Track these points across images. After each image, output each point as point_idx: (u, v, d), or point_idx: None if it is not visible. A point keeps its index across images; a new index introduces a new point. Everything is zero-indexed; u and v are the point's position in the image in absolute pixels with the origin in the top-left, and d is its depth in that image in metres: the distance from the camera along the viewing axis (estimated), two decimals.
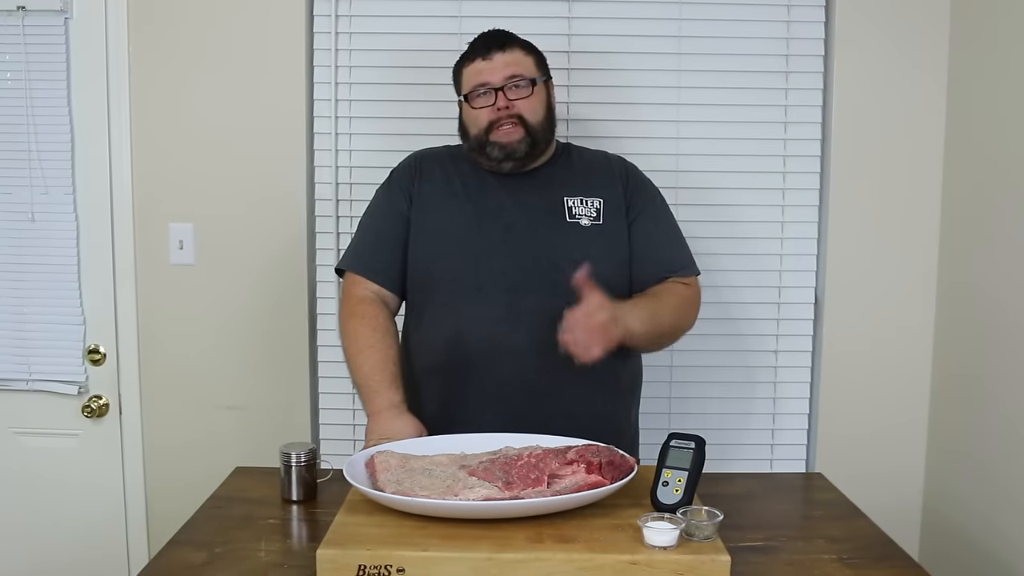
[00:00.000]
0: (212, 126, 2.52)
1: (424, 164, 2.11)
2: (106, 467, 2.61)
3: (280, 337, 2.57)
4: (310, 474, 1.84)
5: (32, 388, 2.58)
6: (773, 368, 2.61)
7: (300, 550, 1.62)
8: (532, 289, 1.96)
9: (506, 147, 1.98)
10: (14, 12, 2.44)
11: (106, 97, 2.50)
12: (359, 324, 2.00)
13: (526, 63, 2.02)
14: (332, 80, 2.53)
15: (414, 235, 2.04)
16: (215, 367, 2.58)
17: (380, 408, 1.92)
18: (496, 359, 1.94)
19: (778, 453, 2.64)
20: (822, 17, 2.51)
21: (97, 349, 2.57)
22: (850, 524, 1.78)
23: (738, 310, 2.57)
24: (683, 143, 2.54)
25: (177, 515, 1.79)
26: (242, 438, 2.57)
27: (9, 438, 2.60)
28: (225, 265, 2.55)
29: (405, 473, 1.62)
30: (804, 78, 2.53)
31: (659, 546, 1.44)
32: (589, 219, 2.01)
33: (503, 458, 1.64)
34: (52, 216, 2.53)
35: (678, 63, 2.52)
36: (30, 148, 2.50)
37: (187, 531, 1.70)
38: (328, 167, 2.55)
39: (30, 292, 2.56)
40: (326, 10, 2.51)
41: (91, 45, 2.48)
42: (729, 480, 1.97)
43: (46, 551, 2.62)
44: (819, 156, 2.55)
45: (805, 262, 2.58)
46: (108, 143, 2.51)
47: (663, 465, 1.63)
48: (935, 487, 2.54)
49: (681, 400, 2.61)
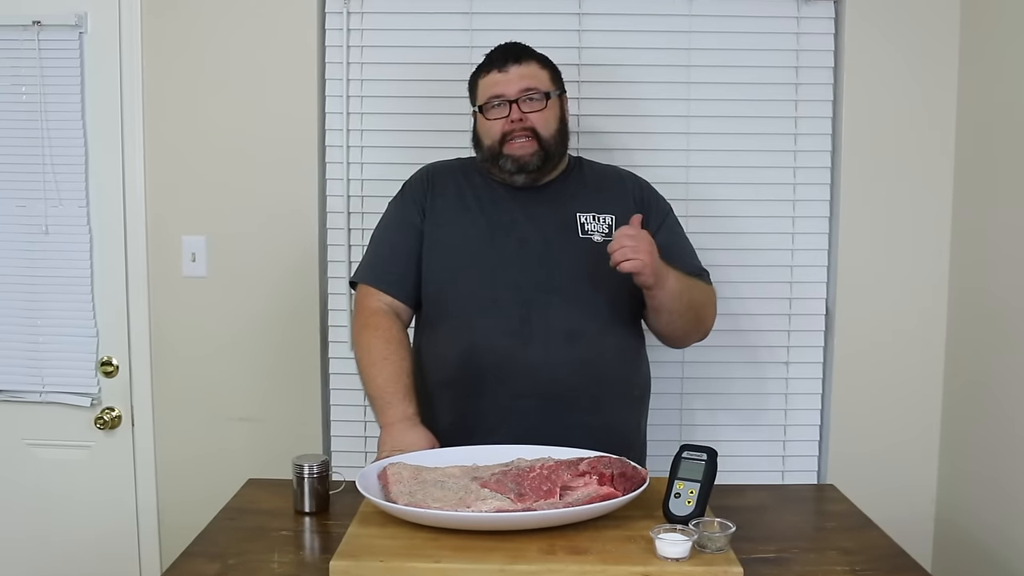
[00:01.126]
0: (224, 139, 2.53)
1: (437, 177, 2.12)
2: (118, 479, 2.61)
3: (292, 349, 2.58)
4: (322, 486, 1.85)
5: (45, 400, 2.58)
6: (784, 379, 2.60)
7: (313, 562, 1.63)
8: (546, 303, 1.96)
9: (519, 160, 1.99)
10: (29, 27, 2.46)
11: (120, 111, 2.51)
12: (372, 336, 2.00)
13: (541, 76, 2.03)
14: (344, 93, 2.54)
15: (427, 248, 2.05)
16: (227, 379, 2.58)
17: (393, 420, 1.92)
18: (510, 372, 1.95)
19: (789, 464, 2.63)
20: (832, 29, 2.51)
21: (110, 361, 2.58)
22: (862, 535, 1.77)
23: (748, 321, 2.57)
24: (693, 155, 2.55)
25: (189, 527, 1.79)
26: (254, 450, 2.57)
27: (22, 450, 2.61)
28: (237, 277, 2.56)
29: (417, 485, 1.62)
30: (814, 90, 2.53)
31: (671, 558, 1.44)
32: (601, 235, 2.02)
33: (515, 470, 1.64)
34: (66, 229, 2.54)
35: (688, 75, 2.53)
36: (44, 161, 2.51)
37: (200, 543, 1.71)
38: (340, 180, 2.56)
39: (43, 304, 2.57)
40: (338, 23, 2.52)
41: (105, 60, 2.50)
42: (741, 492, 1.97)
43: (58, 563, 2.62)
44: (829, 167, 2.55)
45: (816, 272, 2.58)
46: (122, 156, 2.53)
47: (675, 477, 1.64)
48: (948, 497, 2.53)
49: (691, 412, 2.61)
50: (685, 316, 1.99)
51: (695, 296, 1.98)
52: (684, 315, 1.98)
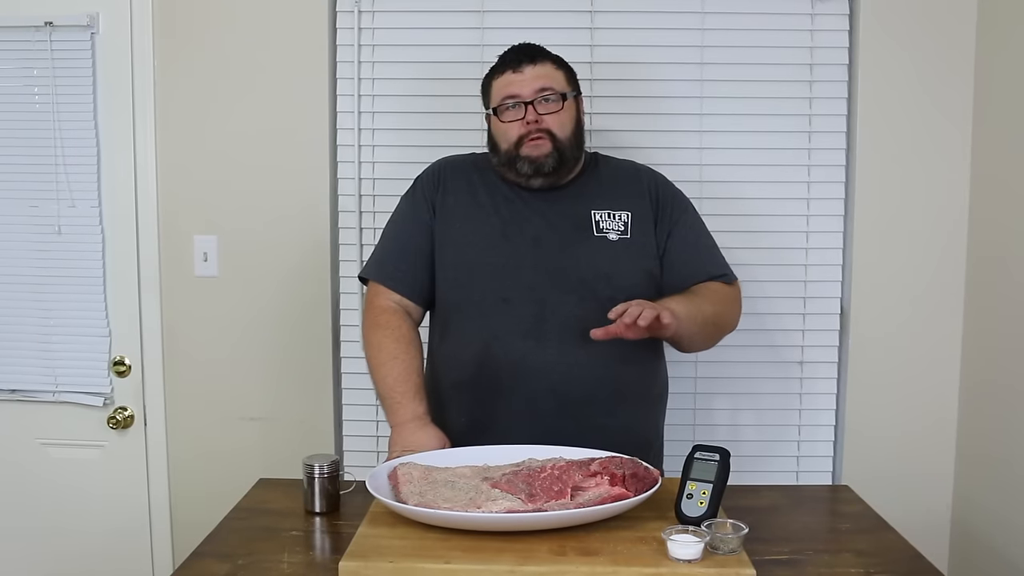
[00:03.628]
0: (236, 138, 2.53)
1: (448, 173, 2.10)
2: (131, 478, 2.62)
3: (304, 348, 2.58)
4: (333, 486, 1.84)
5: (58, 399, 2.59)
6: (799, 379, 2.58)
7: (323, 562, 1.62)
8: (560, 303, 1.95)
9: (535, 161, 1.96)
10: (42, 28, 2.47)
11: (132, 111, 2.52)
12: (382, 335, 1.99)
13: (557, 77, 2.01)
14: (355, 92, 2.54)
15: (439, 246, 2.03)
16: (239, 379, 2.59)
17: (403, 420, 1.92)
18: (524, 373, 1.93)
19: (804, 465, 2.61)
20: (846, 26, 2.49)
21: (122, 361, 2.59)
22: (877, 537, 1.75)
23: (763, 320, 2.55)
24: (707, 153, 2.53)
25: (201, 526, 1.79)
26: (266, 449, 2.57)
27: (35, 449, 2.62)
28: (249, 277, 2.56)
29: (428, 485, 1.61)
30: (828, 87, 2.51)
31: (683, 559, 1.43)
32: (616, 233, 2.00)
33: (526, 470, 1.64)
34: (78, 229, 2.55)
35: (701, 73, 2.51)
36: (56, 161, 2.52)
37: (210, 542, 1.70)
38: (351, 179, 2.56)
39: (56, 304, 2.58)
40: (349, 23, 2.52)
41: (117, 60, 2.51)
42: (754, 492, 1.95)
43: (72, 562, 2.63)
44: (844, 165, 2.53)
45: (831, 271, 2.56)
46: (134, 156, 2.53)
47: (687, 477, 1.62)
48: (964, 499, 2.50)
49: (706, 412, 2.59)
50: (705, 330, 1.97)
51: (706, 308, 1.95)
52: (704, 329, 1.97)
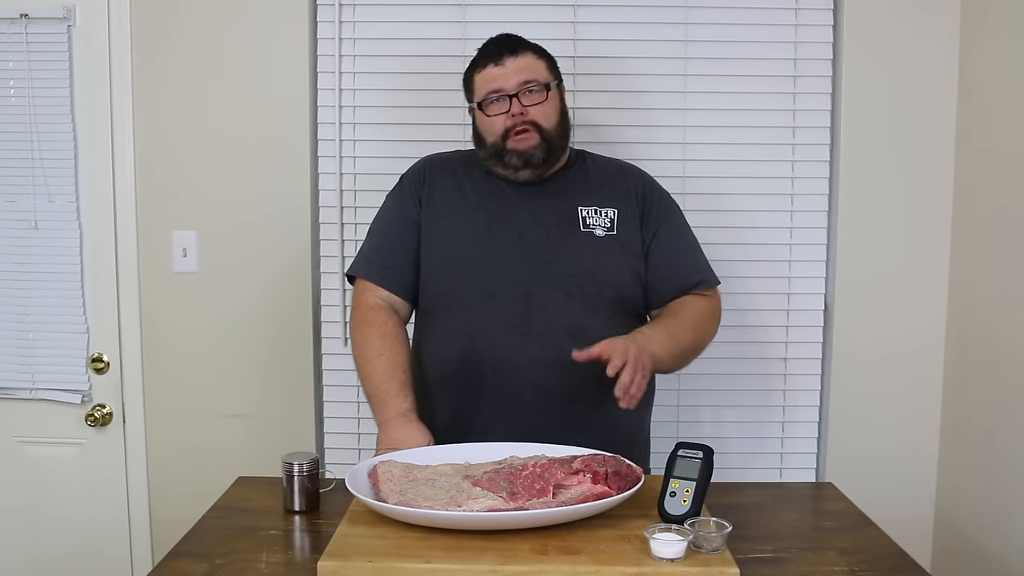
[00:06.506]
0: (215, 133, 2.50)
1: (435, 169, 2.09)
2: (110, 476, 2.59)
3: (284, 346, 2.56)
4: (312, 484, 1.82)
5: (36, 397, 2.57)
6: (783, 376, 2.58)
7: (302, 562, 1.60)
8: (546, 298, 1.94)
9: (523, 154, 1.96)
10: (17, 20, 2.44)
11: (109, 105, 2.49)
12: (368, 332, 1.98)
13: (539, 68, 2.00)
14: (336, 87, 2.51)
15: (425, 241, 2.02)
16: (219, 376, 2.56)
17: (388, 417, 1.91)
18: (510, 369, 1.92)
19: (788, 462, 2.60)
20: (831, 21, 2.49)
21: (101, 358, 2.56)
22: (861, 535, 1.75)
23: (747, 317, 2.55)
24: (690, 148, 2.52)
25: (181, 524, 1.78)
26: (247, 447, 2.55)
27: (12, 447, 2.59)
28: (229, 273, 2.54)
29: (408, 483, 1.60)
30: (812, 82, 2.51)
31: (666, 558, 1.42)
32: (603, 229, 1.99)
33: (508, 468, 1.62)
34: (55, 224, 2.52)
35: (685, 68, 2.50)
36: (33, 156, 2.49)
37: (188, 542, 1.68)
38: (332, 174, 2.54)
39: (33, 300, 2.55)
40: (330, 16, 2.50)
41: (94, 53, 2.48)
42: (738, 490, 1.95)
43: (50, 560, 2.60)
44: (828, 161, 2.52)
45: (814, 268, 2.56)
46: (111, 151, 2.50)
47: (670, 475, 1.61)
48: (948, 495, 2.51)
49: (689, 408, 2.58)
50: (684, 359, 2.01)
51: (687, 339, 1.97)
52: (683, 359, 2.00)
